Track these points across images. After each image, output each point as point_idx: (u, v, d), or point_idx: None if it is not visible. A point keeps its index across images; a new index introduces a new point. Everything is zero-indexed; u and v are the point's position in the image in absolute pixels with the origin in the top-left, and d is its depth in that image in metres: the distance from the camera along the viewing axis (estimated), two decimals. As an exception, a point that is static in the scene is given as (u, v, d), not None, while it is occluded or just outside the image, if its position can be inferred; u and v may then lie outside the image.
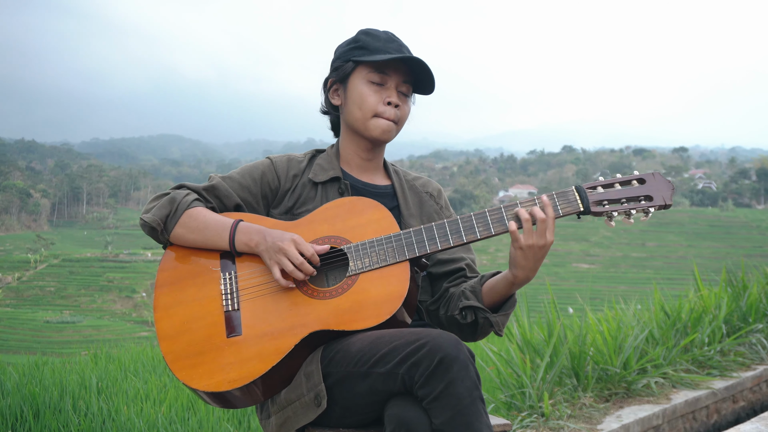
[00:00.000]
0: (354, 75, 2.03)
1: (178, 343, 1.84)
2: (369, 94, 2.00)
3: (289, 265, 1.81)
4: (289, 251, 1.81)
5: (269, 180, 2.06)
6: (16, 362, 5.57)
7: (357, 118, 2.03)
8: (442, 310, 2.05)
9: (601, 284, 57.54)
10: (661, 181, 1.85)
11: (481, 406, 1.63)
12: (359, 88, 2.01)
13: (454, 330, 2.04)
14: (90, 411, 3.54)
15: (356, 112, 2.02)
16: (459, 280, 2.08)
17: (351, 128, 2.07)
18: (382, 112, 2.01)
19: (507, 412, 3.57)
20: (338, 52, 2.09)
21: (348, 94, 2.04)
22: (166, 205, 1.95)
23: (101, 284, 63.50)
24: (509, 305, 1.95)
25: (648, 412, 3.56)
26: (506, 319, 1.96)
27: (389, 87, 2.02)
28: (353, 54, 2.03)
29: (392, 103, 2.01)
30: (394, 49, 2.01)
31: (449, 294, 2.05)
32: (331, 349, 1.78)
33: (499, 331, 1.96)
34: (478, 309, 1.94)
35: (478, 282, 1.98)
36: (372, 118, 2.01)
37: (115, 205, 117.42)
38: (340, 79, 2.05)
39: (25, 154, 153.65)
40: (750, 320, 5.13)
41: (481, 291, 1.96)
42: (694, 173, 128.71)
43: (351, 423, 1.81)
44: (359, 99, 2.01)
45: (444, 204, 2.21)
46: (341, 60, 2.05)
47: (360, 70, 2.01)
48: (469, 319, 1.96)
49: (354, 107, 2.03)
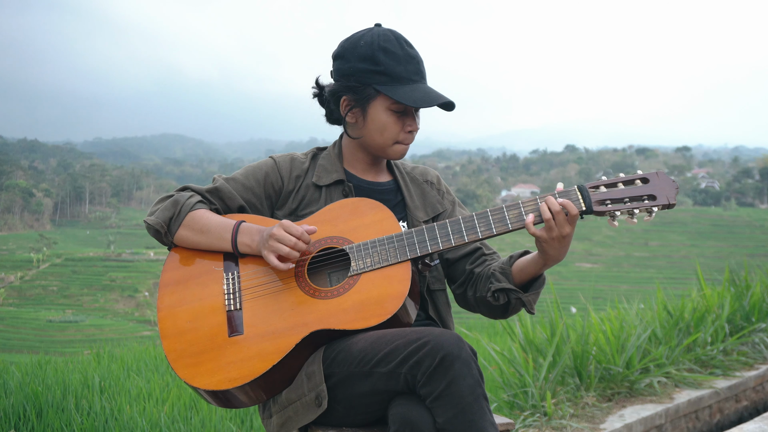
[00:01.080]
0: (375, 102, 1.98)
1: (180, 341, 1.85)
2: (391, 123, 1.98)
3: (283, 248, 1.82)
4: (278, 234, 1.82)
5: (273, 181, 2.07)
6: (19, 361, 5.59)
7: (378, 145, 2.02)
8: (470, 292, 2.06)
9: (604, 284, 57.47)
10: (664, 181, 1.85)
11: (484, 403, 1.63)
12: (381, 117, 1.98)
13: (484, 310, 2.06)
14: (93, 410, 3.54)
15: (377, 139, 2.01)
16: (480, 259, 2.09)
17: (365, 147, 2.06)
18: (403, 139, 2.02)
19: (510, 412, 3.56)
20: (352, 64, 1.97)
21: (368, 119, 2.00)
22: (170, 208, 1.96)
23: (104, 283, 63.53)
24: (539, 283, 1.97)
25: (651, 412, 3.56)
26: (537, 297, 1.98)
27: (410, 114, 2.01)
28: (374, 79, 1.95)
29: (413, 131, 2.02)
30: (414, 72, 1.97)
31: (475, 275, 2.06)
32: (333, 349, 1.79)
33: (531, 309, 1.98)
34: (510, 290, 1.96)
35: (507, 263, 2.00)
36: (393, 145, 2.02)
37: (117, 205, 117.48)
38: (358, 104, 2.00)
39: (28, 154, 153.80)
40: (753, 320, 5.13)
41: (511, 272, 1.97)
42: (697, 172, 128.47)
43: (354, 422, 1.82)
44: (381, 127, 1.99)
45: (444, 189, 2.22)
46: (359, 81, 1.97)
47: (382, 99, 1.96)
48: (501, 301, 1.98)
49: (375, 134, 2.00)
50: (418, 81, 1.98)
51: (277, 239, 1.83)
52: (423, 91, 1.96)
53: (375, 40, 1.97)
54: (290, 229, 1.84)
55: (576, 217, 1.82)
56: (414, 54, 1.99)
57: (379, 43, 1.96)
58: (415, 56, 1.99)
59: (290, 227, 1.84)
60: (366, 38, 1.98)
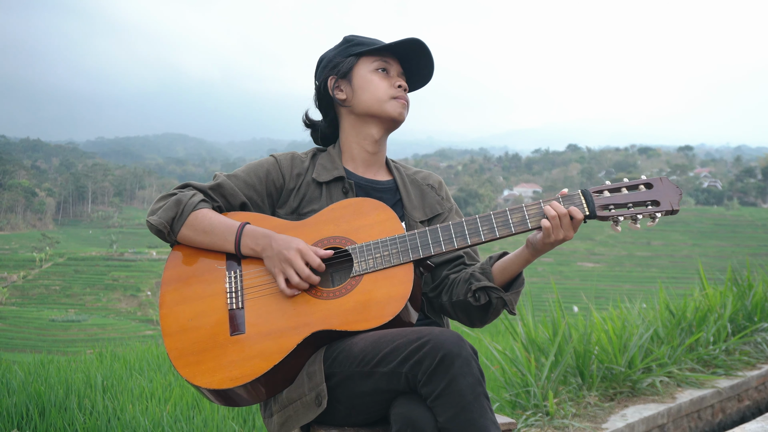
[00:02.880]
0: (358, 67, 2.09)
1: (182, 340, 1.85)
2: (379, 80, 2.08)
3: (295, 277, 1.82)
4: (295, 263, 1.82)
5: (274, 178, 2.07)
6: (22, 361, 5.59)
7: (373, 103, 2.07)
8: (445, 297, 2.04)
9: (606, 283, 57.45)
10: (668, 186, 1.84)
11: (485, 402, 1.63)
12: (367, 77, 2.08)
13: (460, 315, 2.03)
14: (95, 409, 3.55)
15: (370, 99, 2.07)
16: (459, 267, 2.09)
17: (365, 115, 2.09)
18: (396, 94, 2.08)
19: (512, 411, 3.56)
20: (329, 56, 2.14)
21: (356, 85, 2.08)
22: (173, 207, 1.96)
23: (106, 283, 63.61)
24: (519, 283, 1.97)
25: (653, 411, 3.56)
26: (518, 297, 1.98)
27: (393, 74, 2.11)
28: (351, 51, 2.10)
29: (402, 86, 2.09)
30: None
31: (450, 280, 2.05)
32: (334, 349, 1.79)
33: (512, 309, 1.97)
34: (491, 289, 1.94)
35: (487, 263, 1.99)
36: (389, 101, 2.07)
37: (120, 204, 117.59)
38: (342, 75, 2.10)
39: (31, 153, 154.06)
40: (755, 319, 5.12)
41: (492, 272, 1.96)
42: (700, 172, 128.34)
43: (356, 422, 1.82)
44: (371, 86, 2.07)
45: (445, 195, 2.23)
46: (339, 58, 2.11)
47: (363, 62, 2.10)
48: (482, 300, 1.95)
49: (367, 95, 2.07)
50: None
51: (292, 265, 1.82)
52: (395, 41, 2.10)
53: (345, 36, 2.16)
54: (308, 257, 1.83)
55: (580, 221, 1.82)
56: None
57: (348, 36, 2.16)
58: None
59: (308, 255, 1.83)
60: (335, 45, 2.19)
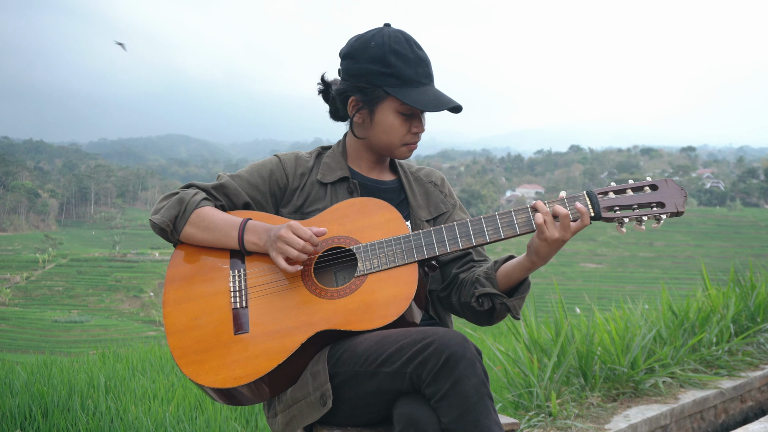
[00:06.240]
0: (384, 104, 1.98)
1: (185, 338, 1.85)
2: (399, 125, 2.00)
3: (291, 251, 1.82)
4: (287, 237, 1.82)
5: (278, 178, 2.07)
6: (25, 361, 5.61)
7: (385, 146, 2.04)
8: (454, 297, 2.05)
9: (609, 284, 57.40)
10: (673, 188, 1.84)
11: (489, 403, 1.63)
12: (389, 119, 1.99)
13: (469, 315, 2.04)
14: (98, 410, 3.55)
15: (383, 140, 2.02)
16: (468, 265, 2.08)
17: (371, 147, 2.07)
18: (409, 141, 2.03)
19: (514, 412, 3.56)
20: (362, 65, 1.97)
21: (375, 120, 2.01)
22: (175, 206, 1.96)
23: (109, 284, 63.67)
24: (524, 288, 1.96)
25: (656, 412, 3.55)
26: (522, 302, 1.97)
27: (417, 116, 2.02)
28: (383, 81, 1.95)
29: (419, 132, 2.03)
30: (423, 75, 1.97)
31: (460, 280, 2.05)
32: (338, 348, 1.79)
33: (517, 314, 1.97)
34: (495, 295, 1.94)
35: (492, 268, 1.98)
36: (400, 147, 2.03)
37: (122, 205, 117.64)
38: (367, 104, 2.00)
39: (34, 154, 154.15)
40: (758, 320, 5.11)
41: (496, 277, 1.96)
42: (702, 173, 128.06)
43: (359, 422, 1.82)
44: (389, 129, 2.00)
45: (448, 192, 2.22)
46: (369, 82, 1.97)
47: (391, 101, 1.97)
48: (486, 306, 1.96)
49: (382, 135, 2.02)
50: (427, 84, 1.98)
51: (286, 241, 1.82)
52: (433, 94, 1.96)
53: (386, 41, 1.96)
54: (299, 231, 1.83)
55: (585, 220, 1.82)
56: (423, 56, 1.99)
57: (390, 45, 1.96)
58: (425, 59, 1.99)
59: (298, 229, 1.83)
60: (377, 39, 1.98)
